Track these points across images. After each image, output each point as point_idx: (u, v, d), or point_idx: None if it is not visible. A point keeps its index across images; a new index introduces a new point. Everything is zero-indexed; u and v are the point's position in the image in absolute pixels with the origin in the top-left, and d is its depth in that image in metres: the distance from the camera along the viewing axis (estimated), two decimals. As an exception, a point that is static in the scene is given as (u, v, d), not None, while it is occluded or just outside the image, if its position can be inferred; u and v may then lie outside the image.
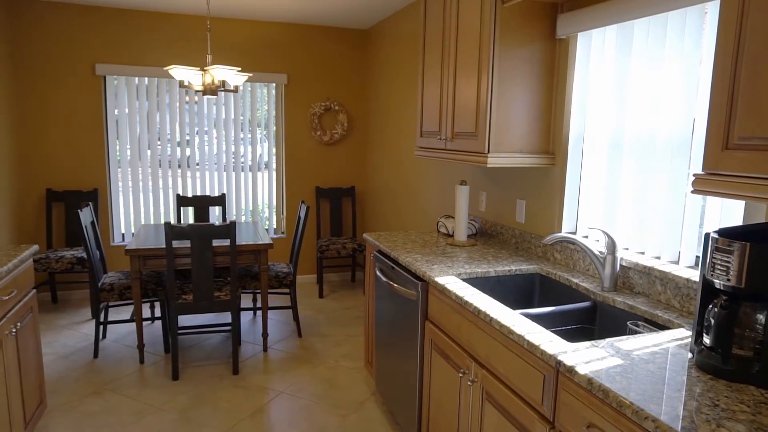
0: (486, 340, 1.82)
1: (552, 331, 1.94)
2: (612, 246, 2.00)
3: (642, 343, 1.49)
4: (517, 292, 2.38)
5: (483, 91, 2.36)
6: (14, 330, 2.27)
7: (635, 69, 2.07)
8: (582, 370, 1.32)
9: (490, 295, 2.32)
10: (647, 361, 1.38)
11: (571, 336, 1.99)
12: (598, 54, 2.28)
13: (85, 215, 3.59)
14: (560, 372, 1.42)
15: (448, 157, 2.73)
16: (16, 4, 4.33)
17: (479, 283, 2.29)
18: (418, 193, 4.24)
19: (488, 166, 2.37)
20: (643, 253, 2.08)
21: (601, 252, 2.12)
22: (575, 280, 2.17)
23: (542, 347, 1.48)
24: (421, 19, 3.00)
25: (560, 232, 2.48)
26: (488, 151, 2.37)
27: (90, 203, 3.90)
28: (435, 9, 2.84)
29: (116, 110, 4.76)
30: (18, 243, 4.50)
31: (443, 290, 2.08)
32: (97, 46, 4.57)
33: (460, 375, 1.99)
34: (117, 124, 4.78)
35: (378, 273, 2.77)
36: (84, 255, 4.32)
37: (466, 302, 1.90)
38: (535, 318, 1.91)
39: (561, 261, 2.43)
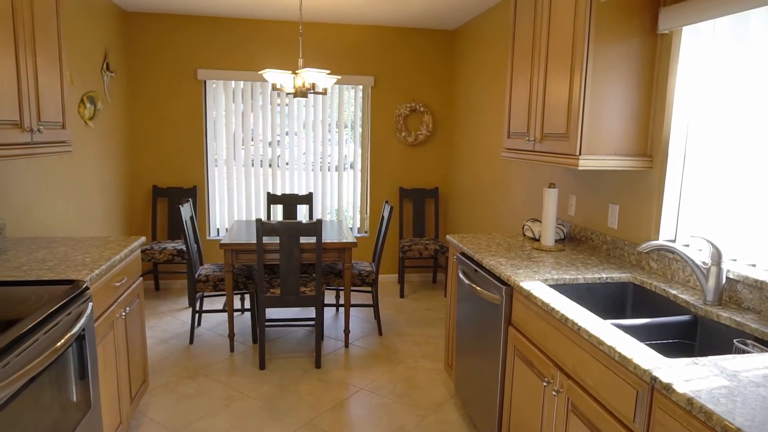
0: (573, 350, 1.74)
1: (646, 345, 1.82)
2: (717, 256, 1.85)
3: (752, 364, 1.37)
4: (607, 302, 2.26)
5: (575, 90, 2.27)
6: (124, 314, 2.48)
7: (751, 63, 1.90)
8: (681, 388, 1.23)
9: (578, 303, 2.23)
10: (758, 384, 1.26)
11: (668, 351, 1.86)
12: (706, 48, 2.11)
13: (186, 210, 3.86)
14: (655, 389, 1.33)
15: (536, 158, 2.65)
16: (130, 17, 4.74)
17: (567, 290, 2.21)
18: (502, 196, 4.15)
19: (579, 168, 2.28)
20: (754, 265, 1.91)
21: (704, 263, 1.96)
22: (673, 292, 2.03)
23: (635, 361, 1.40)
24: (511, 18, 2.93)
25: (657, 239, 2.32)
26: (580, 153, 2.27)
27: (190, 199, 4.18)
28: (526, 7, 2.76)
29: (214, 112, 5.07)
30: (127, 234, 4.92)
31: (528, 296, 2.02)
32: (199, 52, 4.89)
33: (545, 384, 1.93)
34: (215, 125, 5.09)
35: (461, 275, 2.74)
36: (183, 247, 4.64)
37: (553, 309, 1.83)
38: (628, 329, 1.81)
39: (657, 270, 2.28)
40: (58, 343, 1.64)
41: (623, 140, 2.31)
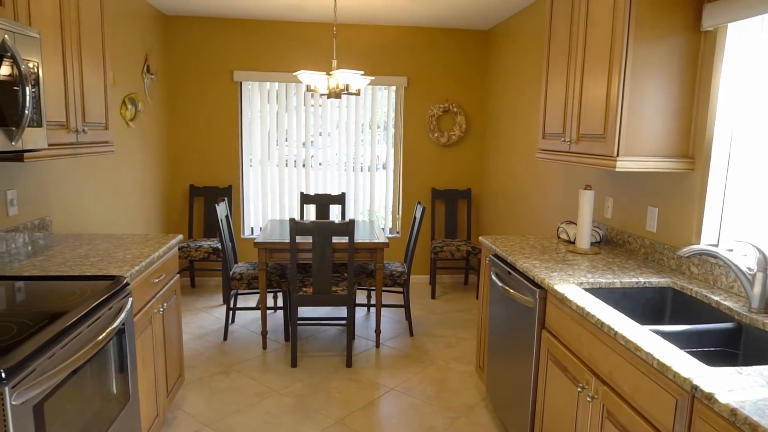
0: (609, 356, 1.70)
1: (686, 352, 1.77)
2: (764, 262, 1.78)
3: (799, 375, 1.31)
4: (645, 307, 2.20)
5: (613, 89, 2.22)
6: (161, 309, 2.55)
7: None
8: (723, 398, 1.19)
9: (614, 308, 2.17)
10: (806, 395, 1.20)
11: (709, 359, 1.80)
12: (753, 46, 2.04)
13: (221, 209, 3.93)
14: (696, 398, 1.29)
15: (572, 160, 2.60)
16: (169, 20, 4.87)
17: (603, 294, 2.16)
18: (537, 197, 4.09)
19: (617, 170, 2.22)
20: (803, 271, 1.82)
21: (749, 268, 1.89)
22: (716, 298, 1.96)
23: (675, 368, 1.35)
24: (547, 16, 2.89)
25: (699, 243, 2.25)
26: (617, 155, 2.22)
27: (225, 198, 4.26)
28: (562, 5, 2.72)
29: (249, 113, 5.16)
30: (165, 232, 5.05)
31: (563, 299, 1.98)
32: (235, 54, 4.99)
33: (579, 390, 1.89)
34: (250, 125, 5.17)
35: (493, 277, 2.71)
36: (219, 245, 4.73)
37: (588, 313, 1.79)
38: (667, 336, 1.76)
39: (698, 276, 2.21)
40: (100, 337, 1.70)
41: (663, 141, 2.25)
